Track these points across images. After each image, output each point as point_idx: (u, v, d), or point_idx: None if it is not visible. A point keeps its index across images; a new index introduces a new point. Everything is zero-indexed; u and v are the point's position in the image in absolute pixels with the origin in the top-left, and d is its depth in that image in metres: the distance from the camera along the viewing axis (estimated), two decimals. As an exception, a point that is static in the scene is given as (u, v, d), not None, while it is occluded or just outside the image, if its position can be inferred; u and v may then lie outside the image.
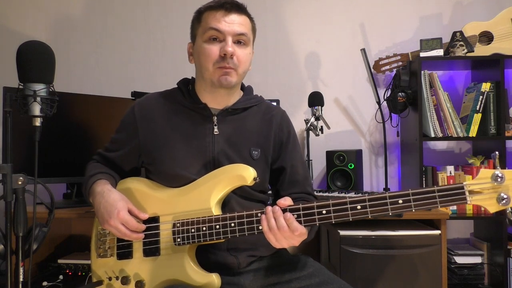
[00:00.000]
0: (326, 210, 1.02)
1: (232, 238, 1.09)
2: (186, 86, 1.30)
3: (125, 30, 2.41)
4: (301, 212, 1.03)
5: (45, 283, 1.68)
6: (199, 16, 1.23)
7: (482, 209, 2.07)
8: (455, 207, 2.08)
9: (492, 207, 0.93)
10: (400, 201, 0.97)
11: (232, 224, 1.07)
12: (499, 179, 0.91)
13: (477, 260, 2.05)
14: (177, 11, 2.40)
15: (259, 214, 1.05)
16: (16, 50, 1.06)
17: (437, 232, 1.61)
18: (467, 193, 0.93)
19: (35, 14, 2.40)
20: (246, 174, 1.11)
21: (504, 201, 0.91)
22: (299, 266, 1.22)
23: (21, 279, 1.06)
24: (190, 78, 1.32)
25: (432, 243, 1.59)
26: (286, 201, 1.05)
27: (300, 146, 1.43)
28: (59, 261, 1.84)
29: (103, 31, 2.41)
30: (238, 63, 1.18)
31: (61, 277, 1.75)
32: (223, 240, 1.11)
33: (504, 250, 1.97)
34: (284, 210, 1.03)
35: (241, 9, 1.20)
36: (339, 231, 1.62)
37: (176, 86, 1.31)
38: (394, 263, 1.58)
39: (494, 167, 0.95)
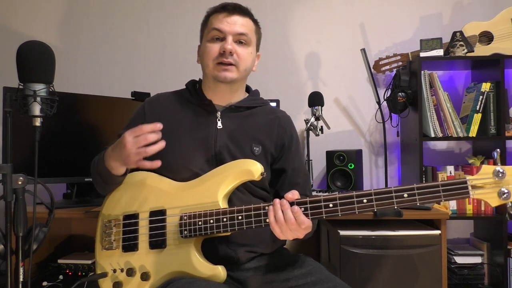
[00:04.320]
0: (332, 204, 1.04)
1: (238, 231, 1.11)
2: (194, 85, 1.35)
3: (125, 30, 2.41)
4: (308, 205, 1.05)
5: (45, 283, 1.68)
6: (206, 20, 1.30)
7: (482, 208, 2.07)
8: (455, 207, 2.08)
9: (494, 201, 0.96)
10: (405, 195, 0.99)
11: (240, 217, 1.09)
12: (500, 175, 0.95)
13: (477, 260, 2.05)
14: (177, 11, 2.39)
15: (266, 207, 1.07)
16: (16, 50, 1.06)
17: (437, 232, 1.61)
18: (469, 188, 0.96)
19: (35, 14, 2.40)
20: (254, 169, 1.13)
21: (505, 195, 0.95)
22: (298, 264, 1.24)
23: (21, 279, 1.06)
24: (198, 79, 1.37)
25: (432, 243, 1.59)
26: (294, 195, 1.06)
27: (302, 150, 1.44)
28: (59, 261, 1.84)
29: (104, 31, 2.41)
30: (238, 60, 1.24)
31: (61, 277, 1.75)
32: (230, 233, 1.12)
33: (504, 250, 1.97)
34: (291, 204, 1.05)
35: (244, 12, 1.27)
36: (339, 231, 1.62)
37: (185, 86, 1.37)
38: (394, 263, 1.58)
39: (495, 164, 0.97)
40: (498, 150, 0.99)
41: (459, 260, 2.05)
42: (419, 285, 1.57)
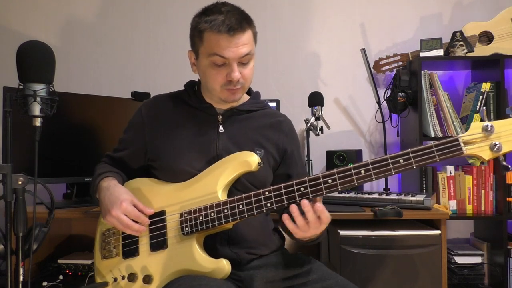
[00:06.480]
0: (331, 179, 1.04)
1: (240, 220, 1.10)
2: (192, 87, 1.32)
3: (125, 30, 2.41)
4: (308, 184, 1.05)
5: (45, 283, 1.68)
6: (200, 35, 1.17)
7: (483, 208, 2.07)
8: (455, 207, 2.08)
9: (486, 154, 0.97)
10: (401, 161, 1.00)
11: (240, 206, 1.09)
12: (489, 128, 0.96)
13: (477, 260, 2.05)
14: (177, 11, 2.40)
15: (266, 192, 1.07)
16: (16, 50, 1.06)
17: (437, 232, 1.60)
18: (462, 144, 0.98)
19: (35, 15, 2.40)
20: (251, 159, 1.13)
21: (496, 148, 0.96)
22: (299, 263, 1.24)
23: (21, 279, 1.06)
24: (197, 80, 1.34)
25: (432, 243, 1.59)
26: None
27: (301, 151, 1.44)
28: (59, 261, 1.83)
29: (103, 31, 2.41)
30: (244, 81, 1.21)
31: (61, 277, 1.74)
32: (232, 223, 1.11)
33: (504, 250, 1.97)
34: (313, 201, 1.03)
35: (243, 26, 1.15)
36: (339, 231, 1.62)
37: (183, 88, 1.34)
38: (394, 263, 1.58)
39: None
40: (484, 108, 0.99)
41: (459, 260, 2.05)
42: (419, 285, 1.57)
